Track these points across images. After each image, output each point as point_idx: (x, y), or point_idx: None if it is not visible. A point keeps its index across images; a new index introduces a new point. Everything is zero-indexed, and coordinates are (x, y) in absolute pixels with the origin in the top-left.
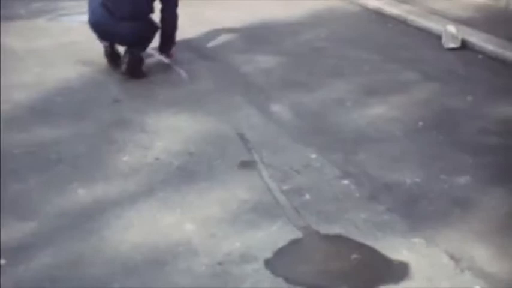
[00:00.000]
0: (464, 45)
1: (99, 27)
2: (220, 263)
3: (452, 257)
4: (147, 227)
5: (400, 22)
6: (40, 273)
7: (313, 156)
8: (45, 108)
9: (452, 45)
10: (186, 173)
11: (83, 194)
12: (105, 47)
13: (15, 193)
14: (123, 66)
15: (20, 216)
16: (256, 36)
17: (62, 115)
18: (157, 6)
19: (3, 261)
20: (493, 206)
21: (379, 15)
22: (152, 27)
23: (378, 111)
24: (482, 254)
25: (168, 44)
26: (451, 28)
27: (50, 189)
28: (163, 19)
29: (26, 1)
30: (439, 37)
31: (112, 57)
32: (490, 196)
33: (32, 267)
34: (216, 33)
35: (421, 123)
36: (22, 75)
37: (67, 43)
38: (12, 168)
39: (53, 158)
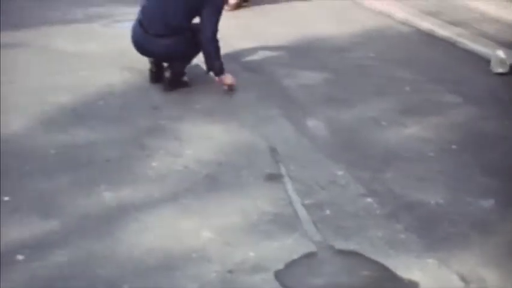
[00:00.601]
0: None
1: (137, 44)
2: (230, 271)
3: (463, 279)
4: (164, 231)
5: (450, 44)
6: (53, 271)
7: (340, 172)
8: (85, 111)
9: (500, 70)
10: (212, 182)
11: (108, 197)
12: (151, 66)
13: (43, 191)
14: (165, 81)
15: (44, 214)
16: (303, 52)
17: (100, 119)
18: None
19: (20, 257)
20: None
21: (430, 37)
22: (191, 43)
23: (412, 131)
24: (493, 279)
25: (211, 65)
26: (500, 53)
27: (77, 190)
28: (200, 39)
29: (86, 6)
30: (488, 61)
31: (156, 77)
32: (511, 221)
33: (47, 265)
34: (263, 46)
35: (454, 146)
36: (68, 78)
37: (116, 49)
38: (44, 167)
39: (85, 160)
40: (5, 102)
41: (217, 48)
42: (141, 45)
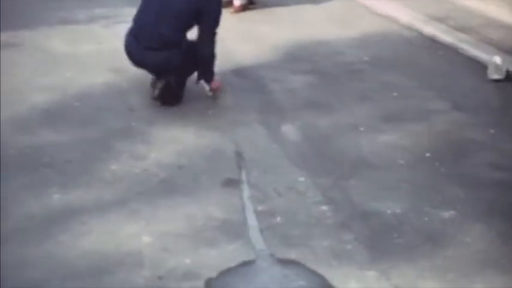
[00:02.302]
0: (510, 77)
1: (130, 56)
2: (160, 278)
3: None
4: (104, 235)
5: (451, 50)
6: None
7: (302, 179)
8: (59, 112)
9: (496, 76)
10: (168, 186)
11: (56, 199)
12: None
13: None
14: (156, 92)
15: None
16: (297, 55)
17: (72, 120)
18: None
19: None
20: (466, 244)
21: (432, 42)
22: (184, 58)
23: (389, 138)
24: None
25: (204, 74)
26: (497, 59)
27: (28, 192)
28: (197, 52)
29: (91, 7)
30: (486, 67)
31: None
32: (467, 233)
33: None
34: (258, 49)
35: (428, 154)
36: (52, 78)
37: (109, 50)
38: (1, 168)
39: (44, 162)
40: None
41: (214, 62)
42: (134, 57)
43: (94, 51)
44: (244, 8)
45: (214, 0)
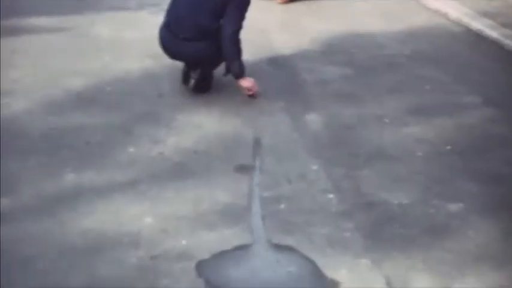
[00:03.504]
0: None
1: (166, 49)
2: (152, 258)
3: (388, 283)
4: (108, 216)
5: (495, 46)
6: None
7: (315, 167)
8: (90, 96)
9: None
10: (180, 170)
11: (69, 179)
12: (184, 67)
13: (10, 171)
14: (192, 82)
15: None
16: (336, 47)
17: (101, 104)
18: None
19: None
20: (467, 238)
21: (478, 37)
22: (219, 47)
23: (412, 130)
24: (422, 286)
25: (229, 69)
26: None
27: (43, 171)
28: (220, 41)
29: None
30: None
31: (188, 78)
32: (471, 227)
33: None
34: (297, 40)
35: (448, 147)
36: (90, 63)
37: (151, 36)
38: (23, 148)
39: (65, 143)
40: (17, 84)
41: (238, 48)
42: (171, 49)
43: (136, 37)
44: None
45: None
